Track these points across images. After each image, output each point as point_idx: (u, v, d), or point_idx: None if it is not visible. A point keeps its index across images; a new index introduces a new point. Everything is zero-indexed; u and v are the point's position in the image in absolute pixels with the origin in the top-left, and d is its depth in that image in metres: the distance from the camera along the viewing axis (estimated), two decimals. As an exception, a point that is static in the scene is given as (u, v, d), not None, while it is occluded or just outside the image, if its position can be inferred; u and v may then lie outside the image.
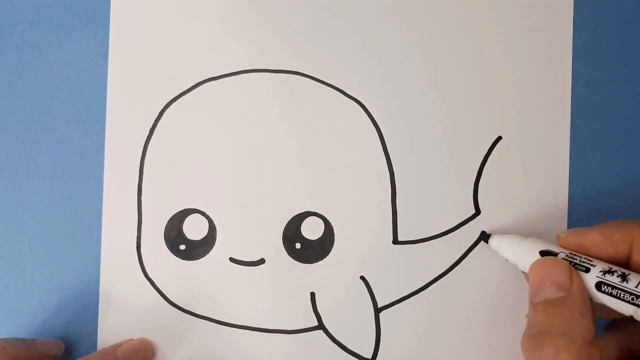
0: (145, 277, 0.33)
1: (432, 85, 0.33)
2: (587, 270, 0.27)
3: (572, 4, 0.33)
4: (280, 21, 0.33)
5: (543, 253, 0.28)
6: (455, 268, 0.33)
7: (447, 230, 0.33)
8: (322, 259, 0.33)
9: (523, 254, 0.29)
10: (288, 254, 0.33)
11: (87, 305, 0.33)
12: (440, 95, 0.33)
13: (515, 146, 0.33)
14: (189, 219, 0.33)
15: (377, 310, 0.33)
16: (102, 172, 0.33)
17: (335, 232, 0.33)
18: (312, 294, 0.33)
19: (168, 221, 0.33)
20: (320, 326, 0.33)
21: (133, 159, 0.33)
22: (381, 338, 0.33)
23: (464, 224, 0.33)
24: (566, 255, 0.28)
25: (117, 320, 0.33)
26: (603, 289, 0.26)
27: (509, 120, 0.33)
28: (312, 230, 0.33)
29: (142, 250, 0.33)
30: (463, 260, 0.33)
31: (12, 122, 0.34)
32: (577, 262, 0.27)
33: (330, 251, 0.33)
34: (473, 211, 0.33)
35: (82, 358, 0.31)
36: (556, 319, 0.26)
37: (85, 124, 0.34)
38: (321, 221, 0.33)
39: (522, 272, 0.30)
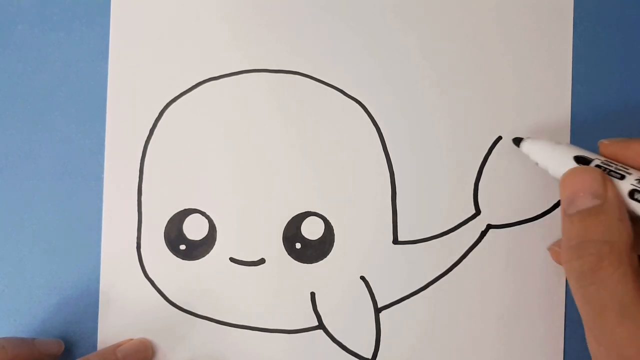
0: (145, 277, 0.33)
1: (432, 85, 0.33)
2: (622, 177, 0.26)
3: (572, 4, 0.33)
4: (280, 21, 0.33)
5: (577, 159, 0.28)
6: (455, 268, 0.33)
7: (447, 230, 0.33)
8: (322, 259, 0.33)
9: (556, 159, 0.28)
10: (288, 254, 0.33)
11: (87, 305, 0.33)
12: (440, 95, 0.33)
13: (516, 146, 0.33)
14: (189, 219, 0.33)
15: (377, 310, 0.33)
16: (102, 172, 0.33)
17: (335, 232, 0.33)
18: (312, 294, 0.33)
19: (168, 221, 0.33)
20: (320, 326, 0.33)
21: (133, 159, 0.33)
22: (381, 338, 0.33)
23: (464, 224, 0.33)
24: (601, 162, 0.27)
25: (117, 320, 0.33)
26: (636, 197, 0.26)
27: (509, 120, 0.33)
28: (312, 230, 0.33)
29: (142, 250, 0.33)
30: (463, 260, 0.33)
31: (12, 122, 0.34)
32: (612, 169, 0.27)
33: (330, 251, 0.33)
34: (473, 211, 0.33)
35: (82, 358, 0.31)
36: (595, 227, 0.25)
37: (85, 124, 0.34)
38: (321, 221, 0.33)
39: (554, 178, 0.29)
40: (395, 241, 0.33)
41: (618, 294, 0.24)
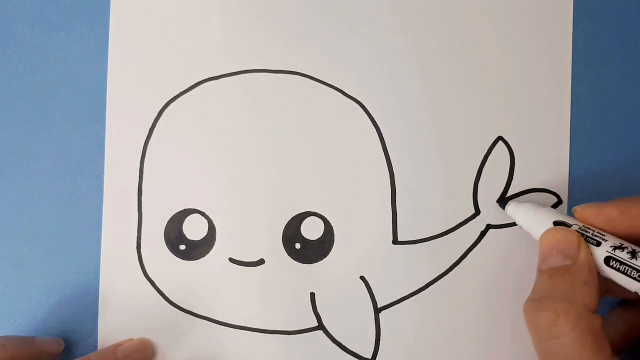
0: (145, 277, 0.33)
1: (432, 85, 0.33)
2: (598, 244, 0.27)
3: (572, 4, 0.33)
4: (280, 21, 0.33)
5: (556, 223, 0.29)
6: (455, 268, 0.33)
7: (447, 230, 0.33)
8: (322, 259, 0.33)
9: (537, 223, 0.29)
10: (288, 254, 0.33)
11: (87, 304, 0.33)
12: (440, 95, 0.33)
13: (515, 146, 0.33)
14: (189, 219, 0.33)
15: (377, 310, 0.33)
16: (102, 172, 0.33)
17: (335, 232, 0.33)
18: (312, 294, 0.33)
19: (168, 221, 0.33)
20: (320, 326, 0.33)
21: (133, 159, 0.33)
22: (381, 338, 0.33)
23: (464, 224, 0.33)
24: (579, 228, 0.28)
25: (117, 319, 0.33)
26: (611, 264, 0.26)
27: (509, 120, 0.33)
28: (312, 230, 0.33)
29: (142, 250, 0.33)
30: (463, 260, 0.33)
31: (12, 122, 0.34)
32: (589, 235, 0.28)
33: (330, 251, 0.33)
34: (473, 211, 0.33)
35: (82, 357, 0.31)
36: (559, 285, 0.26)
37: (85, 124, 0.34)
38: (321, 221, 0.33)
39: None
40: (395, 241, 0.33)
41: (575, 353, 0.25)
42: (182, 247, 0.33)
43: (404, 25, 0.33)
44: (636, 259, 0.26)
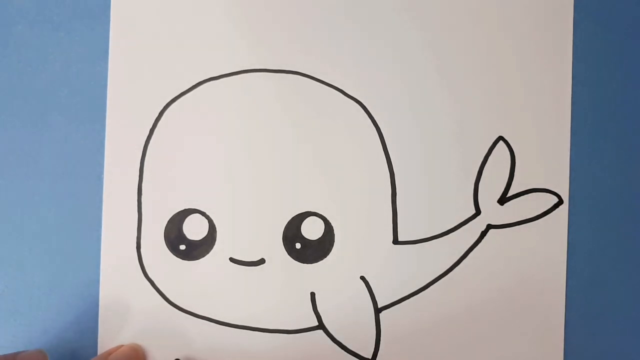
0: (145, 277, 0.33)
1: (432, 86, 0.33)
2: None
3: (572, 4, 0.33)
4: (280, 21, 0.33)
5: None
6: (456, 268, 0.33)
7: (447, 230, 0.33)
8: (322, 259, 0.33)
9: None
10: (288, 254, 0.33)
11: (87, 305, 0.33)
12: (440, 95, 0.33)
13: (515, 146, 0.33)
14: (189, 219, 0.33)
15: (377, 310, 0.33)
16: (102, 172, 0.33)
17: (335, 232, 0.33)
18: (312, 294, 0.33)
19: (168, 221, 0.33)
20: (320, 326, 0.33)
21: (133, 159, 0.33)
22: (381, 338, 0.33)
23: (464, 224, 0.33)
24: None
25: (117, 320, 0.33)
26: None
27: (509, 120, 0.33)
28: (312, 230, 0.33)
29: (142, 250, 0.33)
30: (463, 261, 0.33)
31: (12, 122, 0.34)
32: None
33: (330, 251, 0.33)
34: (473, 211, 0.33)
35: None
36: None
37: (85, 124, 0.34)
38: (321, 221, 0.33)
39: None
40: (395, 241, 0.33)
41: None
42: (182, 247, 0.33)
43: (404, 25, 0.33)
44: None
